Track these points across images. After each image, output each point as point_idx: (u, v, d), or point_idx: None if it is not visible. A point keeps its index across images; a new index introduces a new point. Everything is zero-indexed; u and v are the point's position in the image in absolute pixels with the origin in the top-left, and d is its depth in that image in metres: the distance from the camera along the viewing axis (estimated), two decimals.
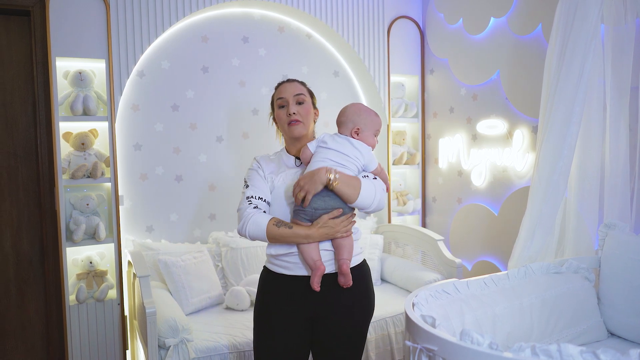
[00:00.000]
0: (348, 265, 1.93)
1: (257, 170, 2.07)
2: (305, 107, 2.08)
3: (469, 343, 1.48)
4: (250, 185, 2.02)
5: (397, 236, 4.00)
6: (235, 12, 3.77)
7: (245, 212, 1.93)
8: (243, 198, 1.99)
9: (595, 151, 2.67)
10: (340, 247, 1.95)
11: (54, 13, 3.10)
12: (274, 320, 2.00)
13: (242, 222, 1.92)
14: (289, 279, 1.99)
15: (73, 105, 3.15)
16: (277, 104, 2.09)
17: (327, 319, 1.99)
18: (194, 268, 3.24)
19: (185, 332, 2.66)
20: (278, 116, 2.09)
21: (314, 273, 1.89)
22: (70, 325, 3.18)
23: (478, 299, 2.24)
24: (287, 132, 2.08)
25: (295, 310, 1.99)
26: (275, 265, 2.02)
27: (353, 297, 2.02)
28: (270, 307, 2.02)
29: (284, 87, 2.10)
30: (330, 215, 1.92)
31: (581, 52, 2.46)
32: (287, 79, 2.16)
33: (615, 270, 2.50)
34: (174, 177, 3.62)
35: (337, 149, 1.98)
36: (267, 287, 2.06)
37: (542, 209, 2.57)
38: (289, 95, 2.06)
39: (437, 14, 4.11)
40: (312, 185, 1.86)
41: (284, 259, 1.99)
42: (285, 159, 2.12)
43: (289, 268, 1.98)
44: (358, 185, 1.92)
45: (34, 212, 3.33)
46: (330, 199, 1.91)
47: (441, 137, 4.18)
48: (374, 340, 3.07)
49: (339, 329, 2.00)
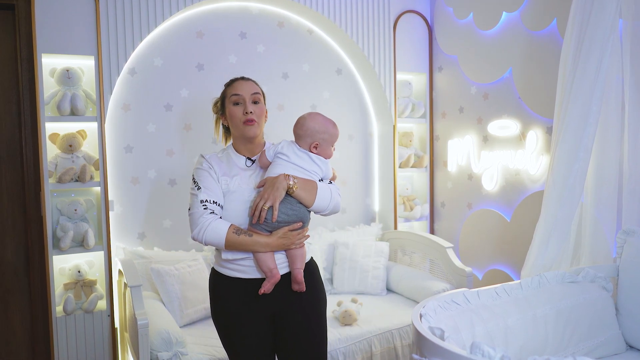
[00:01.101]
0: (302, 275, 2.11)
1: (209, 171, 2.12)
2: (260, 107, 2.18)
3: (479, 357, 1.49)
4: (203, 187, 2.08)
5: (404, 243, 4.00)
6: (232, 6, 3.79)
7: (202, 217, 2.01)
8: (195, 200, 2.05)
9: (613, 153, 2.68)
10: (294, 257, 2.11)
11: (39, 7, 3.12)
12: (235, 323, 2.12)
13: (199, 228, 2.01)
14: (244, 281, 2.10)
15: (60, 104, 3.16)
16: (232, 100, 2.15)
17: (287, 315, 2.15)
18: (189, 277, 3.25)
19: (179, 345, 2.67)
20: (232, 113, 2.15)
21: (268, 280, 2.05)
22: (57, 338, 3.19)
23: (489, 310, 2.25)
24: (240, 131, 2.15)
25: (254, 311, 2.11)
26: (229, 269, 2.12)
27: (308, 292, 2.17)
28: (229, 311, 2.13)
29: (239, 84, 2.18)
30: (291, 227, 2.07)
31: (598, 48, 2.47)
32: (242, 77, 2.23)
33: (634, 279, 2.51)
34: (167, 181, 3.64)
35: (297, 163, 2.13)
36: (222, 291, 2.15)
37: (557, 215, 2.58)
38: (245, 94, 2.15)
39: (446, 8, 4.13)
40: (275, 193, 2.00)
41: (240, 263, 2.09)
42: (235, 158, 2.20)
43: (245, 272, 2.10)
44: (314, 190, 2.10)
45: (18, 218, 3.34)
46: (292, 211, 2.06)
47: (450, 138, 4.19)
48: (380, 353, 3.08)
49: (299, 323, 2.16)
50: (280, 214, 2.02)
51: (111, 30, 3.30)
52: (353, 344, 3.00)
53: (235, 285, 2.11)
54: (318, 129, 2.17)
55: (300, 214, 2.08)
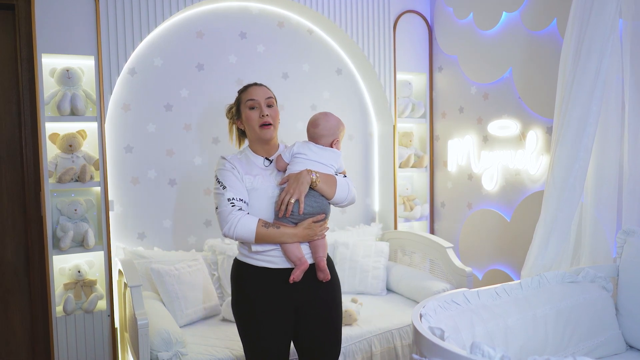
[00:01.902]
0: (325, 263, 2.27)
1: (232, 171, 2.25)
2: (274, 110, 2.33)
3: (479, 357, 1.49)
4: (228, 186, 2.20)
5: (404, 243, 4.01)
6: (232, 5, 3.79)
7: (231, 214, 2.14)
8: (222, 199, 2.18)
9: (613, 153, 2.68)
10: (317, 247, 2.27)
11: (39, 7, 3.12)
12: (260, 312, 2.23)
13: (229, 225, 2.13)
14: (273, 271, 2.23)
15: (60, 104, 3.17)
16: (248, 105, 2.30)
17: (310, 305, 2.29)
18: (189, 277, 3.25)
19: (179, 345, 2.68)
20: (249, 117, 2.30)
21: (298, 268, 2.18)
22: (57, 338, 3.19)
23: (489, 310, 2.25)
24: (257, 134, 2.30)
25: (280, 300, 2.24)
26: (256, 260, 2.24)
27: (329, 283, 2.33)
28: (254, 298, 2.24)
29: (254, 90, 2.33)
30: (315, 219, 2.23)
31: (598, 48, 2.47)
32: (254, 83, 2.38)
33: (634, 279, 2.51)
34: (167, 181, 3.64)
35: (315, 159, 2.29)
36: (248, 280, 2.27)
37: (557, 215, 2.58)
38: (260, 98, 2.30)
39: (446, 8, 4.14)
40: (300, 187, 2.15)
41: (269, 254, 2.22)
42: (254, 159, 2.34)
43: (274, 262, 2.23)
44: (334, 183, 2.28)
45: (18, 218, 3.34)
46: (316, 204, 2.22)
47: (450, 138, 4.19)
48: (380, 353, 3.08)
49: (322, 312, 2.31)
50: (305, 206, 2.17)
51: (111, 30, 3.31)
52: (353, 344, 3.00)
53: (263, 275, 2.24)
54: (336, 125, 2.36)
55: (322, 206, 2.25)
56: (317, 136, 2.34)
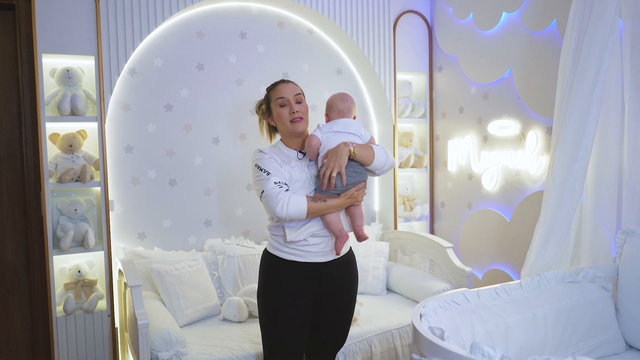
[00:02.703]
0: (364, 231, 2.43)
1: (272, 160, 2.33)
2: (304, 106, 2.43)
3: (479, 357, 1.49)
4: (272, 172, 2.28)
5: (404, 243, 4.01)
6: (232, 6, 3.80)
7: (280, 194, 2.22)
8: (268, 183, 2.25)
9: (613, 153, 2.68)
10: (354, 216, 2.40)
11: (40, 7, 3.12)
12: (286, 303, 2.34)
13: (280, 204, 2.21)
14: (300, 265, 2.35)
15: (60, 104, 3.17)
16: (278, 103, 2.39)
17: (332, 295, 2.43)
18: (189, 277, 3.25)
19: (179, 345, 2.68)
20: (280, 114, 2.38)
21: (339, 240, 2.34)
22: (57, 338, 3.19)
23: (489, 310, 2.25)
24: (289, 129, 2.38)
25: (305, 292, 2.36)
26: (287, 253, 2.35)
27: (351, 275, 2.51)
28: (282, 289, 2.36)
29: (282, 88, 2.41)
30: (356, 187, 2.34)
31: (598, 48, 2.47)
32: (282, 80, 2.46)
33: (634, 279, 2.51)
34: (168, 181, 3.64)
35: (348, 131, 2.39)
36: (277, 272, 2.38)
37: (557, 215, 2.58)
38: (289, 95, 2.38)
39: (446, 8, 4.14)
40: (340, 160, 2.26)
41: (300, 247, 2.33)
42: (287, 152, 2.43)
43: (303, 256, 2.34)
44: (371, 149, 2.37)
45: (18, 218, 3.34)
46: (356, 173, 2.33)
47: (450, 138, 4.19)
48: (380, 353, 3.08)
49: (341, 303, 2.47)
50: (347, 177, 2.28)
51: (111, 30, 3.31)
52: (353, 343, 3.00)
53: (291, 268, 2.35)
54: (353, 103, 2.49)
55: (362, 175, 2.37)
56: (346, 109, 2.45)
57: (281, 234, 2.36)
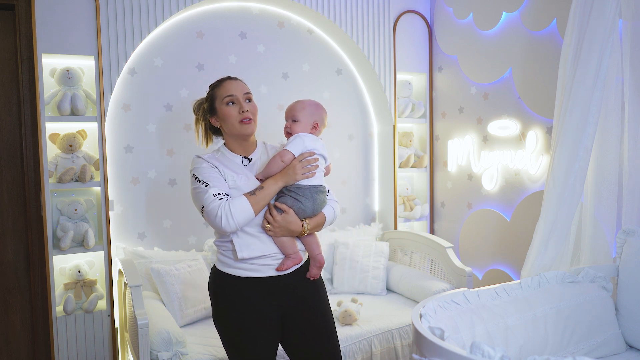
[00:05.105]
0: (324, 259, 2.27)
1: (212, 169, 2.13)
2: (253, 105, 2.23)
3: (479, 356, 1.49)
4: (211, 184, 2.07)
5: (404, 243, 4.01)
6: (232, 6, 3.79)
7: (220, 207, 2.01)
8: (207, 196, 2.04)
9: (613, 153, 2.68)
10: (311, 244, 2.24)
11: (40, 7, 3.12)
12: (247, 324, 2.14)
13: (225, 216, 2.00)
14: (258, 281, 2.14)
15: (60, 104, 3.17)
16: (225, 101, 2.18)
17: (298, 310, 2.22)
18: (189, 277, 3.25)
19: (179, 345, 2.68)
20: (227, 114, 2.17)
21: (290, 259, 2.15)
22: (57, 338, 3.19)
23: (489, 310, 2.26)
24: (237, 130, 2.18)
25: (267, 309, 2.16)
26: (241, 270, 2.14)
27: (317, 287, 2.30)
28: (240, 310, 2.14)
29: (230, 85, 2.22)
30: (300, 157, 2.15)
31: (598, 48, 2.47)
32: (228, 77, 2.28)
33: (634, 279, 2.51)
34: (168, 181, 3.64)
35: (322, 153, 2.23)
36: (231, 291, 2.16)
37: (557, 215, 2.58)
38: (238, 93, 2.19)
39: (446, 8, 4.14)
40: (285, 233, 2.12)
41: (256, 262, 2.13)
42: (232, 157, 2.23)
43: (260, 270, 2.14)
44: (322, 222, 2.23)
45: (18, 218, 3.34)
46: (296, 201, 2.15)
47: (450, 138, 4.19)
48: (380, 353, 3.08)
49: (311, 317, 2.24)
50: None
51: (111, 30, 3.31)
52: (353, 343, 3.00)
53: (247, 285, 2.14)
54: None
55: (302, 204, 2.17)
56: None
57: (231, 248, 2.14)
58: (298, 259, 2.16)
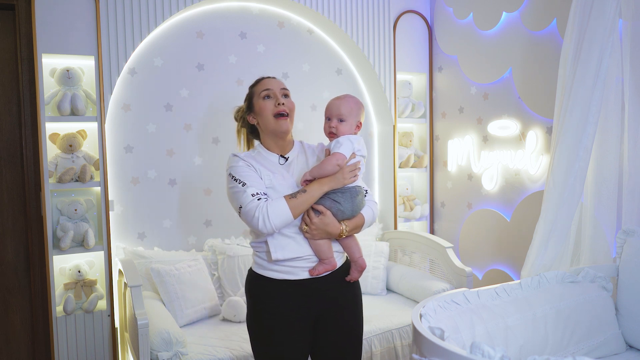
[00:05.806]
0: (365, 262, 2.18)
1: (249, 168, 2.08)
2: (291, 102, 2.17)
3: (479, 356, 1.49)
4: (249, 183, 2.02)
5: (404, 243, 4.01)
6: (232, 6, 3.79)
7: (258, 208, 1.96)
8: (245, 196, 1.99)
9: (613, 153, 2.68)
10: (351, 247, 2.17)
11: (40, 7, 3.12)
12: (279, 326, 2.09)
13: (262, 218, 1.95)
14: (293, 283, 2.08)
15: (60, 104, 3.16)
16: (262, 95, 2.14)
17: (332, 315, 2.15)
18: (189, 277, 3.25)
19: (179, 345, 2.68)
20: (263, 107, 2.12)
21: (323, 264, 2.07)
22: (57, 338, 3.19)
23: (489, 310, 2.25)
24: (272, 126, 2.12)
25: (300, 313, 2.10)
26: (275, 272, 2.08)
27: (352, 290, 2.22)
28: (274, 312, 2.09)
29: (268, 81, 2.18)
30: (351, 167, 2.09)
31: (598, 48, 2.47)
32: (268, 76, 2.23)
33: (634, 279, 2.51)
34: (168, 181, 3.64)
35: (365, 154, 2.18)
36: (266, 293, 2.11)
37: (557, 215, 2.58)
38: (275, 88, 2.14)
39: (446, 8, 4.14)
40: (322, 235, 2.04)
41: (290, 264, 2.07)
42: (268, 156, 2.17)
43: (295, 273, 2.07)
44: (362, 223, 2.15)
45: (18, 218, 3.34)
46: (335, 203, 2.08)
47: (450, 138, 4.19)
48: (380, 353, 3.08)
49: (343, 322, 2.18)
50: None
51: (111, 30, 3.31)
52: None
53: (282, 288, 2.08)
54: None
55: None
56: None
57: (265, 249, 2.08)
58: (331, 266, 2.08)
